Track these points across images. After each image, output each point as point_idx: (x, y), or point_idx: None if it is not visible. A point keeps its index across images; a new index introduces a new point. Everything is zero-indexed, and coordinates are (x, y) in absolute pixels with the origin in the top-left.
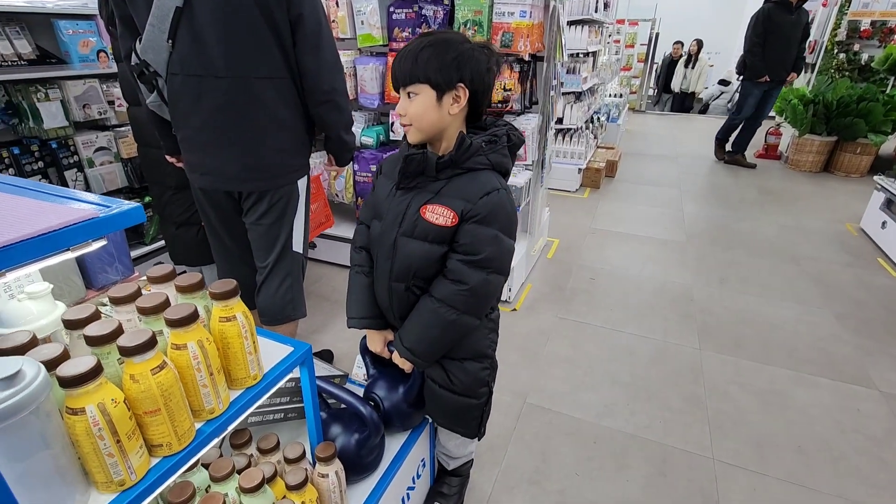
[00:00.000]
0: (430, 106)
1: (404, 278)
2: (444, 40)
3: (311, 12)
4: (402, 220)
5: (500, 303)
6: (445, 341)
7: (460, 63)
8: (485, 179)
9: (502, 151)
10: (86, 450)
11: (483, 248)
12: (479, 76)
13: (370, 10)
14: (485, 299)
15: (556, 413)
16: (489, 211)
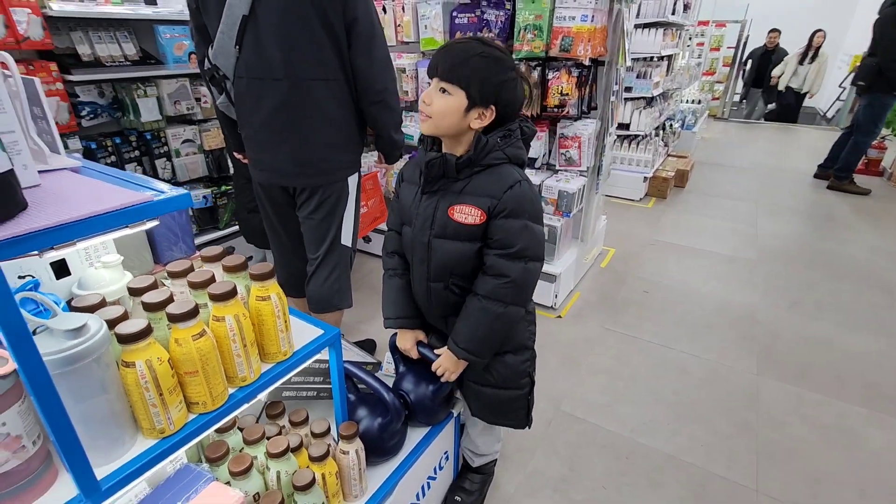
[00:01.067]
0: (456, 111)
1: (442, 278)
2: (497, 59)
3: (365, 16)
4: (432, 223)
5: (545, 309)
6: (498, 334)
7: (502, 89)
8: (505, 174)
9: (517, 144)
10: (134, 399)
11: (516, 240)
12: (511, 106)
13: (434, 14)
14: (527, 287)
15: (591, 424)
16: (516, 203)
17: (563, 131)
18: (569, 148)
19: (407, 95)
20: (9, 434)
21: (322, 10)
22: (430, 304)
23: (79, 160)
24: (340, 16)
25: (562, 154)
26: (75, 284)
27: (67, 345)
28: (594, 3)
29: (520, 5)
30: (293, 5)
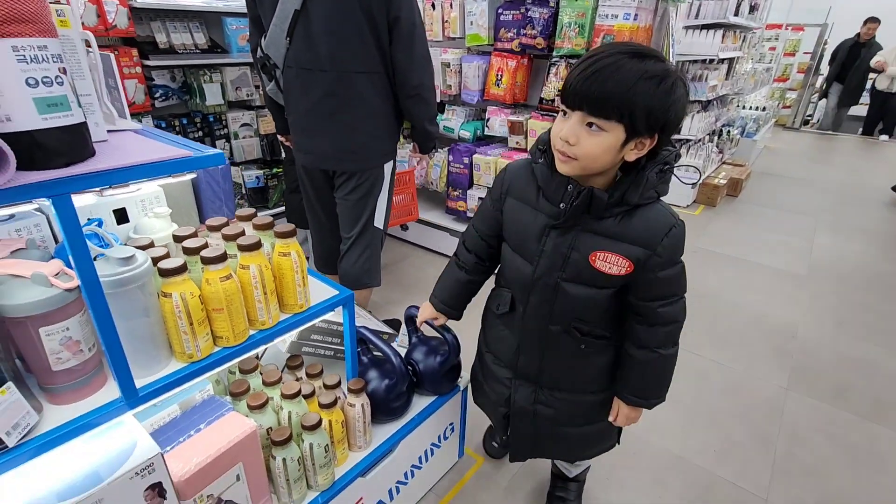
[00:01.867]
0: (612, 149)
1: (564, 321)
2: (664, 76)
3: (408, 15)
4: (564, 265)
5: None
6: (673, 371)
7: (672, 112)
8: (659, 216)
9: (667, 178)
10: (170, 325)
11: (679, 287)
12: (677, 125)
13: (480, 11)
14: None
15: None
16: (673, 251)
17: None
18: None
19: (450, 89)
20: (71, 338)
21: (368, 8)
22: (535, 346)
23: (139, 124)
24: (384, 14)
25: None
26: (131, 230)
27: (118, 270)
28: (638, 2)
29: (563, 3)
30: (341, 2)
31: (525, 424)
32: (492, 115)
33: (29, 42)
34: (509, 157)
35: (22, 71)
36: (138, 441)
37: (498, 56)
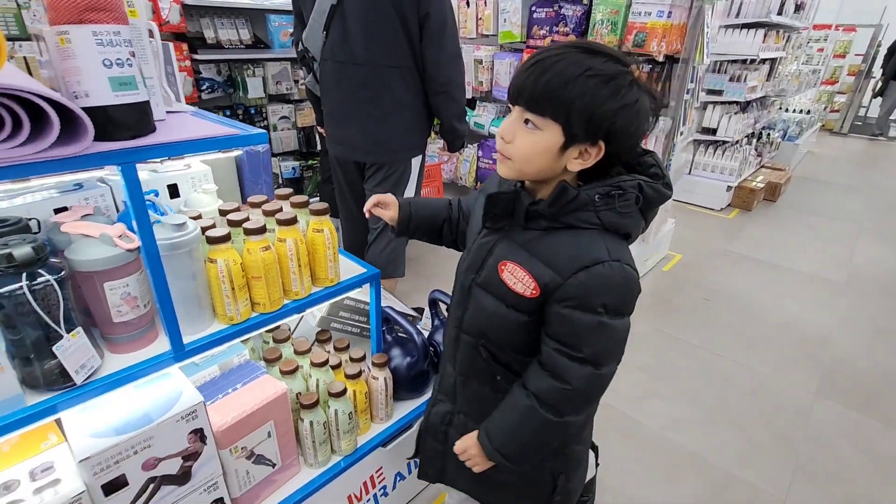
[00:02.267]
0: (547, 151)
1: (474, 335)
2: (613, 76)
3: (438, 12)
4: (480, 268)
5: None
6: (544, 444)
7: (618, 117)
8: (586, 245)
9: (624, 208)
10: (214, 289)
11: (584, 342)
12: (629, 139)
13: (513, 8)
14: (595, 397)
15: (617, 411)
16: (587, 292)
17: None
18: None
19: (482, 86)
20: (129, 293)
21: (399, 4)
22: (454, 353)
23: (193, 108)
24: (415, 11)
25: None
26: (182, 204)
27: (172, 235)
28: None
29: (596, 0)
30: (375, 1)
31: (435, 444)
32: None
33: (105, 28)
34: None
35: (99, 53)
36: (184, 390)
37: (530, 53)
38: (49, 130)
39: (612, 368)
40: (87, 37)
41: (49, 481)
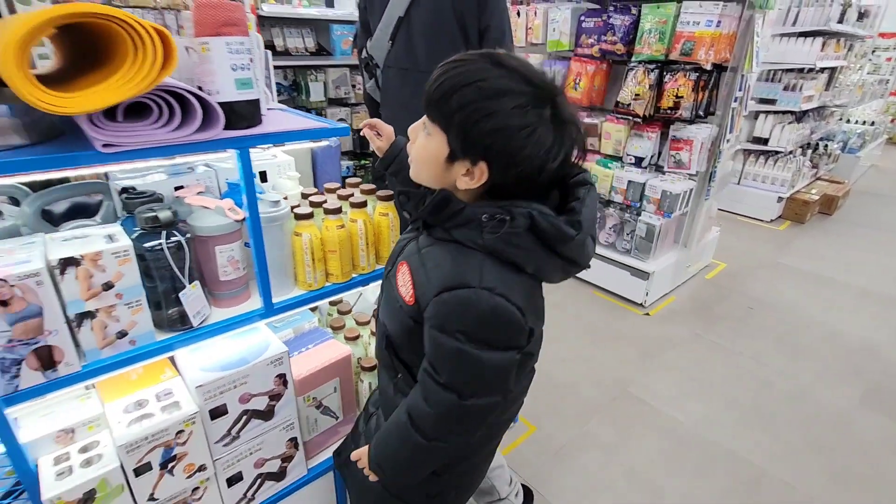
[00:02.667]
0: (434, 160)
1: (382, 325)
2: (504, 92)
3: (498, 24)
4: (395, 259)
5: (633, 304)
6: (416, 466)
7: (496, 141)
8: (461, 265)
9: (509, 239)
10: (298, 259)
11: (443, 367)
12: (514, 167)
13: (563, 18)
14: (464, 426)
15: (653, 408)
16: (446, 313)
17: (676, 133)
18: (679, 150)
19: None
20: (234, 257)
21: (462, 17)
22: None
23: (283, 105)
24: (476, 23)
25: (671, 156)
26: (270, 187)
27: (270, 210)
28: (721, 9)
29: (645, 11)
30: (439, 13)
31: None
32: None
33: (235, 39)
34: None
35: (229, 59)
36: (271, 342)
37: (577, 61)
38: (193, 119)
39: (485, 401)
40: (221, 46)
41: (171, 403)
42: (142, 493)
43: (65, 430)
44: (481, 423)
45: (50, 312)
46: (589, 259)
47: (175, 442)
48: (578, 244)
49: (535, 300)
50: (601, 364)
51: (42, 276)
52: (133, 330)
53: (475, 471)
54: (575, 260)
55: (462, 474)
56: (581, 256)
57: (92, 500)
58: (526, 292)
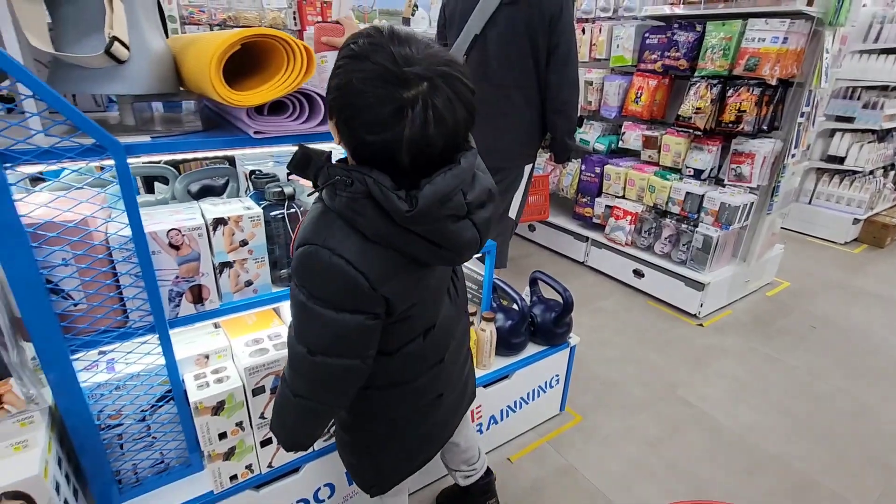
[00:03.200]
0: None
1: None
2: (358, 57)
3: (566, 43)
4: None
5: (686, 315)
6: (297, 423)
7: (337, 100)
8: (313, 224)
9: (351, 204)
10: None
11: (294, 319)
12: (350, 132)
13: (627, 35)
14: (321, 384)
15: (702, 411)
16: (295, 268)
17: (738, 147)
18: (741, 164)
19: (590, 105)
20: None
21: (533, 36)
22: None
23: None
24: (546, 42)
25: (732, 169)
26: None
27: None
28: (787, 26)
29: (710, 27)
30: (513, 31)
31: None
32: (628, 129)
33: None
34: (640, 170)
35: None
36: None
37: (640, 76)
38: (316, 115)
39: (336, 362)
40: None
41: (280, 342)
42: (256, 410)
43: (202, 355)
44: (341, 384)
45: (204, 259)
46: (464, 245)
47: None
48: (438, 227)
49: (398, 272)
50: (650, 367)
51: (202, 230)
52: (257, 281)
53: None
54: (439, 243)
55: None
56: (446, 241)
57: (222, 409)
58: (379, 263)
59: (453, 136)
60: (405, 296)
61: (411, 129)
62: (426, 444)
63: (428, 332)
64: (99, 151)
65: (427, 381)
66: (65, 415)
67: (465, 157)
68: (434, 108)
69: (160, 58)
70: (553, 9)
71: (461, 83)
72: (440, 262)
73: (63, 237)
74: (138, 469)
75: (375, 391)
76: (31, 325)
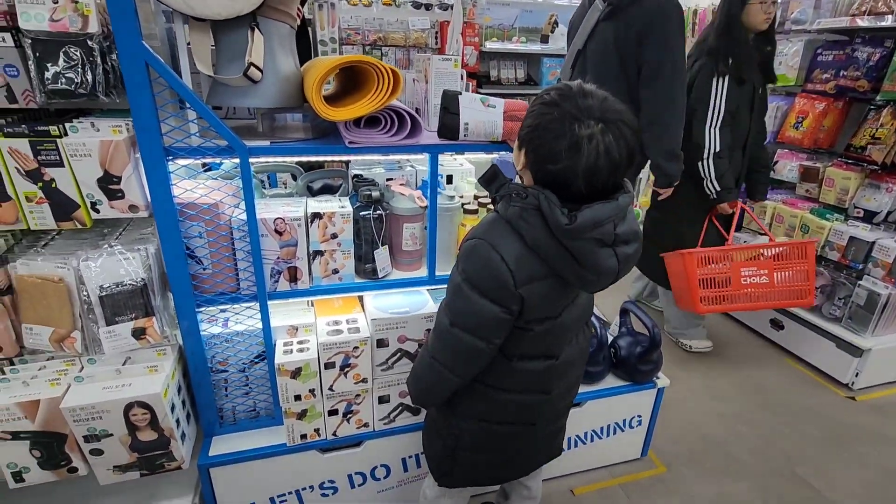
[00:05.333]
0: (516, 147)
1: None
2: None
3: (657, 56)
4: None
5: (834, 383)
6: (426, 384)
7: (528, 135)
8: (485, 225)
9: (521, 213)
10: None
11: (448, 294)
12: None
13: (793, 51)
14: (451, 353)
15: (823, 497)
16: (460, 255)
17: None
18: None
19: None
20: (414, 234)
21: (622, 51)
22: None
23: None
24: (634, 58)
25: None
26: (453, 188)
27: (446, 203)
28: None
29: None
30: (605, 48)
31: None
32: (782, 158)
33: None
34: (792, 205)
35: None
36: (428, 302)
37: (804, 97)
38: (404, 129)
39: (467, 337)
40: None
41: (354, 327)
42: (326, 382)
43: (293, 327)
44: (466, 358)
45: (301, 245)
46: (603, 272)
47: (352, 354)
48: (585, 247)
49: (540, 280)
50: (770, 433)
51: (301, 221)
52: (342, 270)
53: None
54: (581, 260)
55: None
56: (588, 261)
57: (299, 374)
58: (528, 267)
59: (615, 171)
60: (539, 303)
61: (586, 161)
62: (505, 468)
63: (548, 359)
64: (230, 151)
65: (530, 403)
66: (188, 355)
67: (622, 195)
68: (604, 145)
69: (287, 78)
70: (641, 23)
71: (627, 128)
72: (579, 282)
73: (200, 216)
74: (236, 411)
75: (486, 387)
76: (173, 279)
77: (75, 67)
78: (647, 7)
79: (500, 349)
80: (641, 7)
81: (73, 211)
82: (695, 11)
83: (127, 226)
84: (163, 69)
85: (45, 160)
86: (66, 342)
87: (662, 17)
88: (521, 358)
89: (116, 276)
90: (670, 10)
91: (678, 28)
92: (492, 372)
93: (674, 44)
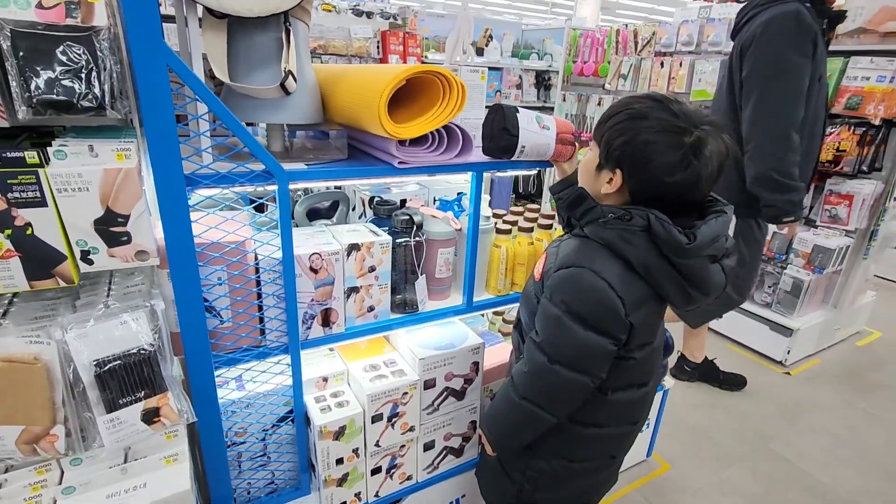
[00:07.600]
0: (588, 168)
1: (516, 319)
2: (641, 115)
3: (749, 77)
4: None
5: (772, 362)
6: (512, 426)
7: (632, 148)
8: (580, 251)
9: (624, 235)
10: (493, 267)
11: (542, 328)
12: (645, 175)
13: (711, 69)
14: (549, 392)
15: (798, 467)
16: (555, 285)
17: (833, 188)
18: (836, 205)
19: None
20: (448, 259)
21: (732, 68)
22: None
23: None
24: (738, 74)
25: (826, 210)
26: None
27: (482, 224)
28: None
29: None
30: (726, 65)
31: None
32: None
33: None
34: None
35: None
36: (469, 334)
37: None
38: (453, 146)
39: (570, 375)
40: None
41: (397, 370)
42: (372, 438)
43: (321, 378)
44: (566, 397)
45: (338, 283)
46: (713, 287)
47: (400, 401)
48: (697, 264)
49: (646, 303)
50: (740, 415)
51: (340, 255)
52: (378, 307)
53: (571, 475)
54: (692, 278)
55: (546, 470)
56: (699, 278)
57: (342, 434)
58: (635, 290)
59: (717, 176)
60: (645, 329)
61: (710, 167)
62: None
63: (641, 387)
64: (266, 177)
65: (618, 435)
66: (202, 429)
67: (728, 208)
68: (722, 146)
69: (313, 89)
70: (747, 37)
71: (723, 131)
72: (684, 301)
73: (225, 257)
74: (251, 489)
75: (573, 424)
76: (187, 339)
77: (77, 73)
78: (758, 20)
79: None
80: (753, 22)
81: (56, 265)
82: (617, 31)
83: (113, 278)
84: (188, 75)
85: (19, 199)
86: (42, 443)
87: (775, 27)
88: (615, 390)
89: (117, 345)
90: (778, 21)
91: (782, 40)
92: (583, 407)
93: (773, 56)
